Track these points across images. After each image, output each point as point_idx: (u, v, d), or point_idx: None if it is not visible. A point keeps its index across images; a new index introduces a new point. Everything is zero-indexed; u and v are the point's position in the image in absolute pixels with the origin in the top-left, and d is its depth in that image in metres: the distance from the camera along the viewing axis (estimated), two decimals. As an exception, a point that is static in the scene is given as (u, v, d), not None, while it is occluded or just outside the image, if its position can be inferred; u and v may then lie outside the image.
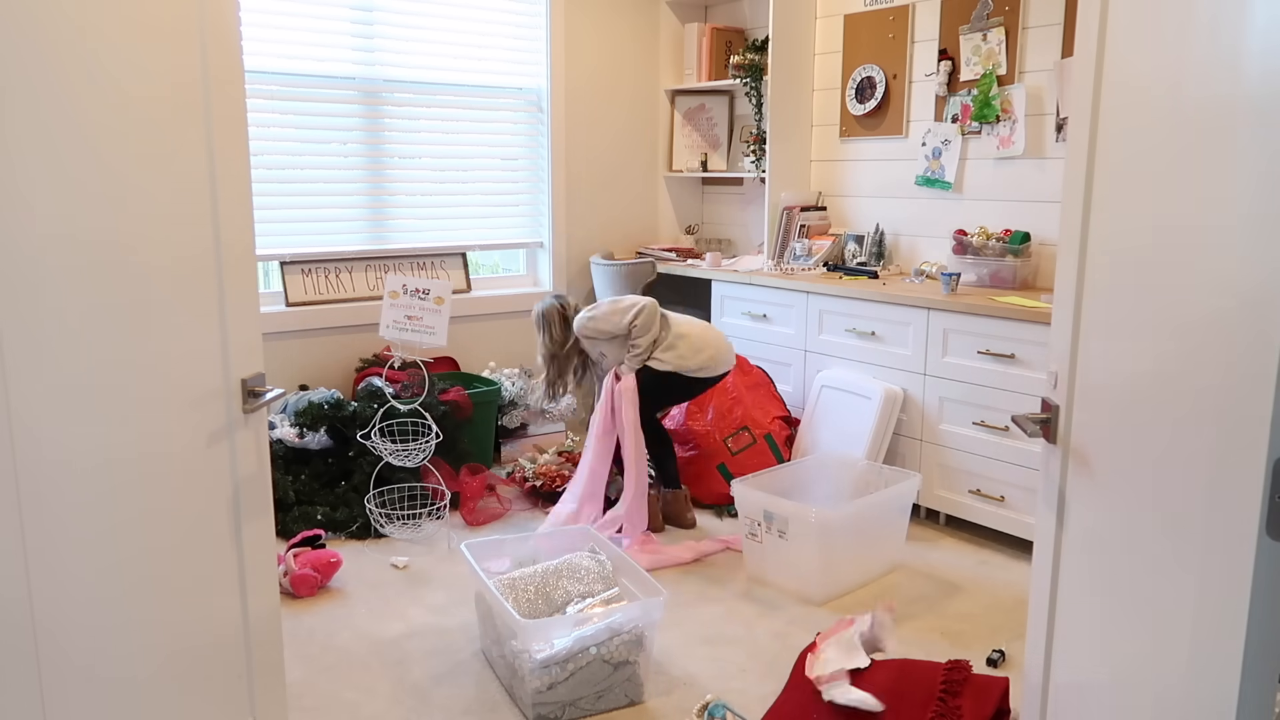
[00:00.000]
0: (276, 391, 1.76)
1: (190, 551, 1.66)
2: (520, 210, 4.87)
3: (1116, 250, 1.40)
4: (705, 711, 2.39)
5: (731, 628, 2.93)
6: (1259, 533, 1.08)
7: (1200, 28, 1.21)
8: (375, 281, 4.41)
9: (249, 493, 1.76)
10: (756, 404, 4.04)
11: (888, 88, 4.27)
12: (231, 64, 1.63)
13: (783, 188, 4.56)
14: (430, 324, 3.47)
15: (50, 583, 1.43)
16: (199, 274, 1.62)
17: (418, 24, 4.38)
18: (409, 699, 2.53)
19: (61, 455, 1.43)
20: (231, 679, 1.77)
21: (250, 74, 3.93)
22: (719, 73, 4.89)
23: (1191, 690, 1.22)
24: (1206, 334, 1.17)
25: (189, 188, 1.59)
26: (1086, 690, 1.51)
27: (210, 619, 1.72)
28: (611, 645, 2.43)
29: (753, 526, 3.22)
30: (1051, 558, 1.59)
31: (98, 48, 1.42)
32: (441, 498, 3.69)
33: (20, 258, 1.34)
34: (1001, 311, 3.36)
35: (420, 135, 4.47)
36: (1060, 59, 3.65)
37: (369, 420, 3.64)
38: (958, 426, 3.57)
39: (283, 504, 3.48)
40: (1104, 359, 1.44)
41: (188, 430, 1.63)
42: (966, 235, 3.89)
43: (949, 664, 2.44)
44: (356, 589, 3.18)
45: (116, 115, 1.45)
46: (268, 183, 4.08)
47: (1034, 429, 1.57)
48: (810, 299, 4.05)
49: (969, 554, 3.50)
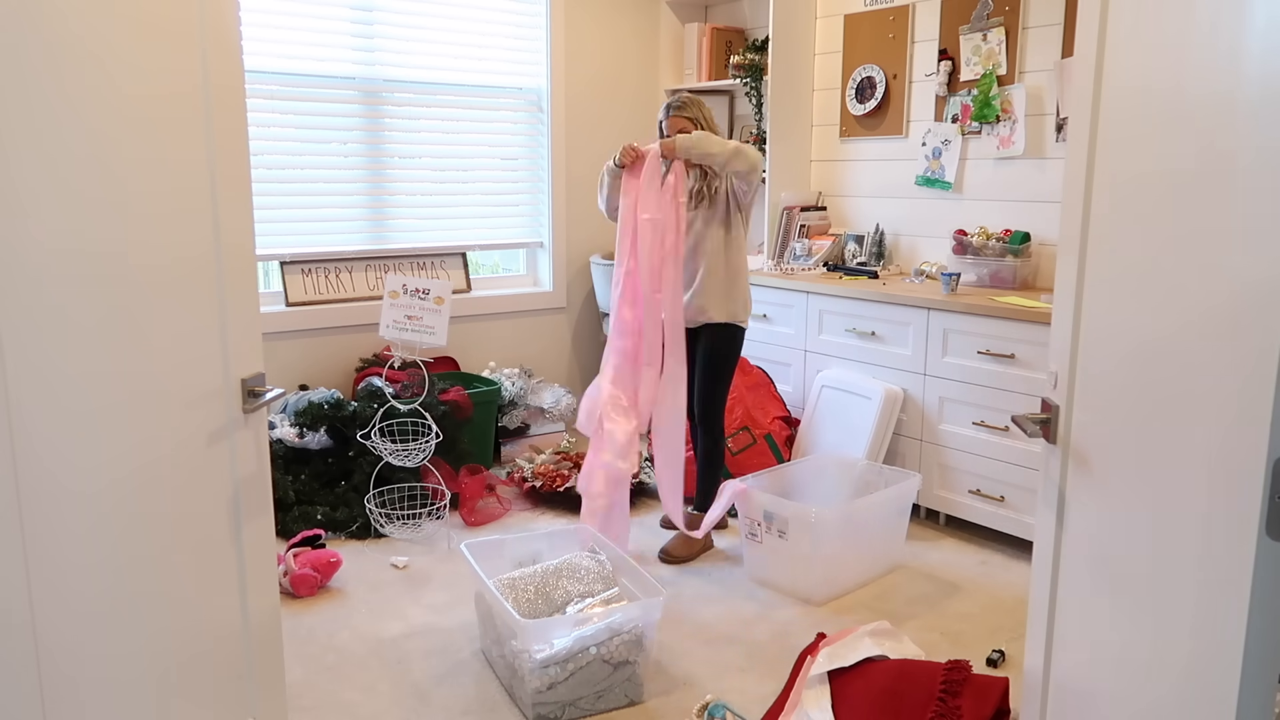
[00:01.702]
0: (276, 391, 1.76)
1: (190, 551, 1.66)
2: (520, 210, 4.87)
3: (1116, 250, 1.40)
4: (705, 711, 2.39)
5: (731, 628, 2.93)
6: (1259, 533, 1.08)
7: (1200, 28, 1.21)
8: (375, 281, 4.41)
9: (249, 493, 1.75)
10: (756, 404, 4.04)
11: (888, 88, 4.27)
12: (232, 64, 1.63)
13: (783, 188, 4.56)
14: (430, 324, 3.47)
15: (50, 582, 1.43)
16: (199, 274, 1.62)
17: (418, 24, 4.38)
18: (409, 699, 2.53)
19: (61, 454, 1.43)
20: (231, 679, 1.77)
21: (250, 74, 3.92)
22: (719, 73, 4.89)
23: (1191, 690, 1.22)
24: (1206, 334, 1.17)
25: (189, 187, 1.59)
26: (1086, 690, 1.51)
27: (210, 619, 1.72)
28: (611, 645, 2.43)
29: (753, 526, 3.22)
30: (1051, 558, 1.59)
31: (97, 48, 1.42)
32: (441, 498, 3.69)
33: (20, 258, 1.34)
34: (1001, 311, 3.36)
35: (420, 135, 4.47)
36: (1060, 59, 3.65)
37: (369, 420, 3.64)
38: (958, 426, 3.57)
39: (283, 504, 3.48)
40: (1104, 359, 1.44)
41: (188, 430, 1.62)
42: (966, 235, 3.89)
43: (949, 664, 2.44)
44: (356, 589, 3.18)
45: (116, 115, 1.45)
46: (268, 183, 4.07)
47: (1034, 429, 1.57)
48: (810, 299, 4.05)
49: (969, 554, 3.50)
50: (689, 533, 3.39)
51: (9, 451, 1.35)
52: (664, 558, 3.41)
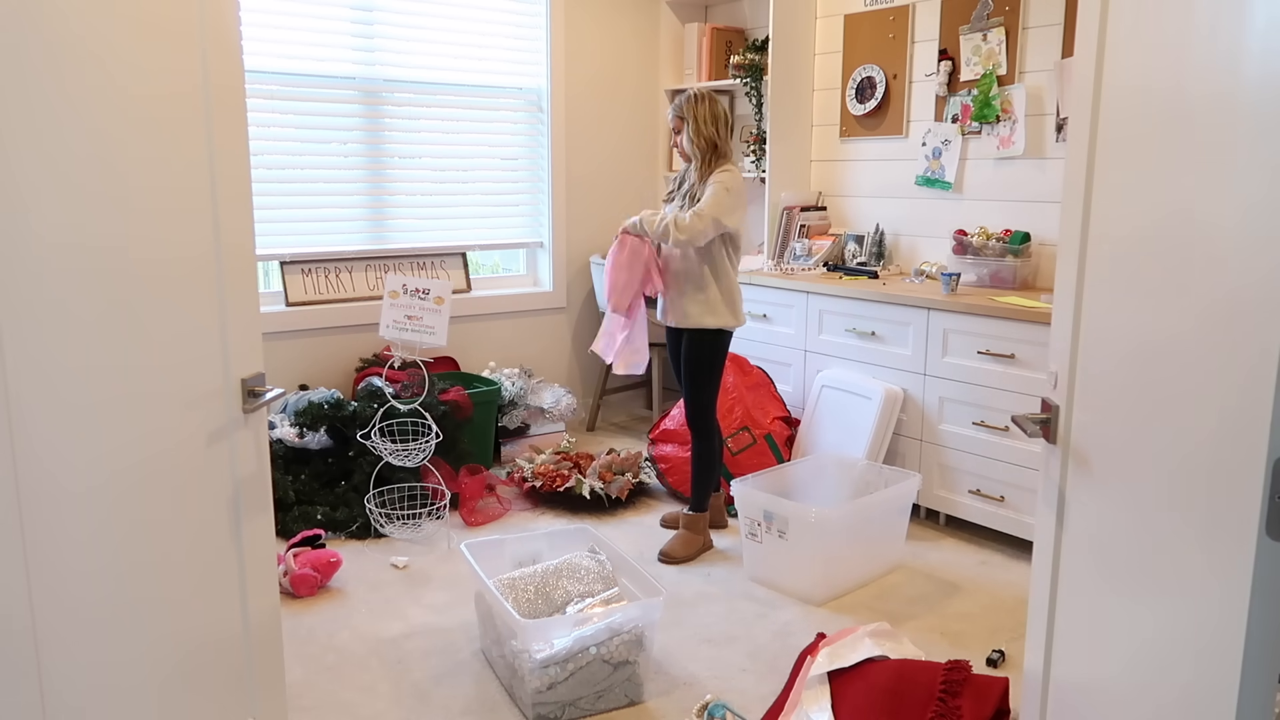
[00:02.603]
0: (276, 391, 1.76)
1: (190, 551, 1.66)
2: (520, 210, 4.87)
3: (1116, 250, 1.40)
4: (705, 711, 2.39)
5: (731, 628, 2.93)
6: (1259, 533, 1.08)
7: (1200, 28, 1.21)
8: (375, 281, 4.41)
9: (249, 493, 1.75)
10: (756, 404, 4.04)
11: (888, 88, 4.27)
12: (232, 64, 1.63)
13: (783, 188, 4.56)
14: (430, 324, 3.47)
15: (50, 582, 1.43)
16: (199, 274, 1.62)
17: (418, 24, 4.38)
18: (409, 699, 2.53)
19: (61, 454, 1.43)
20: (231, 679, 1.77)
21: (250, 74, 3.93)
22: (719, 73, 4.89)
23: (1191, 690, 1.22)
24: (1206, 334, 1.17)
25: (189, 187, 1.59)
26: (1086, 690, 1.51)
27: (210, 619, 1.72)
28: (611, 645, 2.43)
29: (753, 526, 3.22)
30: (1051, 558, 1.59)
31: (98, 48, 1.42)
32: (441, 498, 3.69)
33: (20, 258, 1.34)
34: (1001, 311, 3.36)
35: (420, 135, 4.47)
36: (1060, 59, 3.65)
37: (369, 420, 3.64)
38: (958, 426, 3.57)
39: (283, 504, 3.48)
40: (1104, 359, 1.44)
41: (187, 430, 1.63)
42: (966, 235, 3.89)
43: (949, 664, 2.44)
44: (356, 589, 3.18)
45: (116, 115, 1.45)
46: (268, 183, 4.08)
47: (1034, 429, 1.57)
48: (810, 299, 4.05)
49: (969, 554, 3.50)
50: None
51: (9, 450, 1.35)
52: (663, 559, 3.41)
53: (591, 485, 3.88)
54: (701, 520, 3.49)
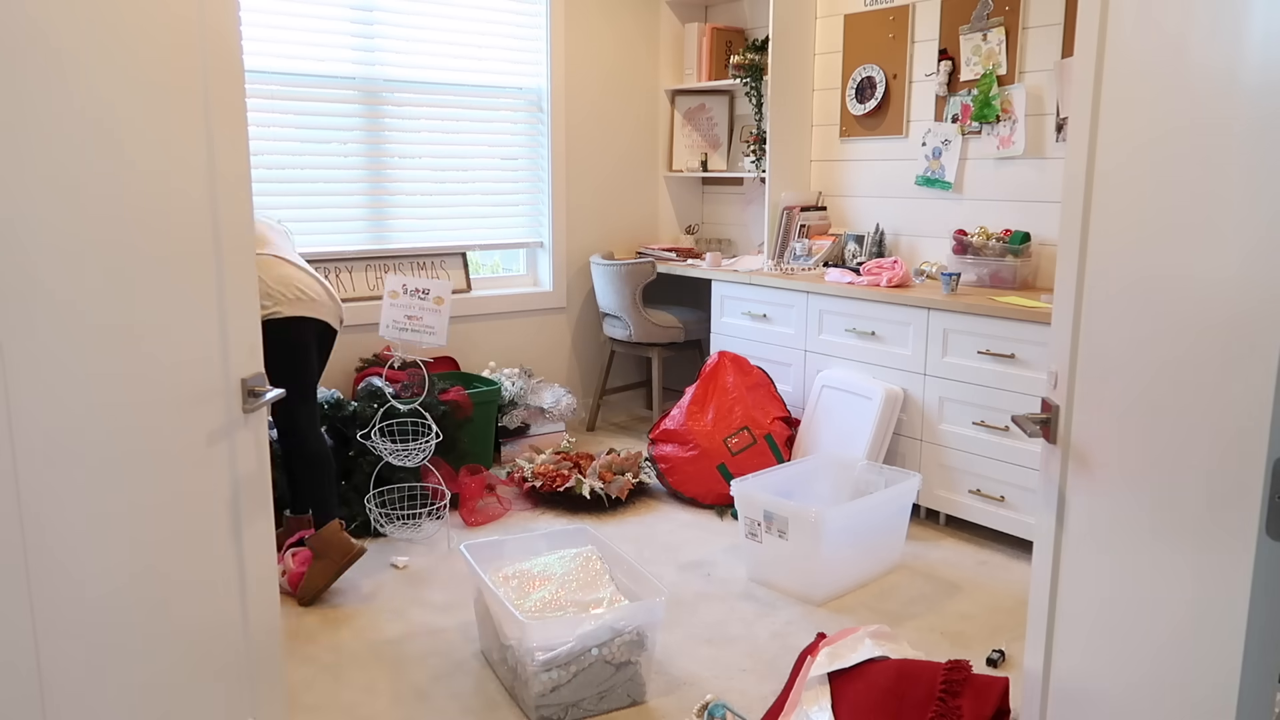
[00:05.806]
0: (277, 391, 1.76)
1: (190, 551, 1.66)
2: (520, 210, 4.87)
3: (1117, 250, 1.40)
4: (705, 711, 2.39)
5: (731, 628, 2.93)
6: (1259, 533, 1.08)
7: (1201, 28, 1.21)
8: (375, 281, 4.41)
9: (249, 492, 1.76)
10: (756, 404, 4.04)
11: (888, 88, 4.27)
12: (232, 64, 1.63)
13: (783, 187, 4.57)
14: (430, 324, 3.47)
15: (49, 582, 1.43)
16: (198, 273, 1.62)
17: (418, 24, 4.38)
18: (409, 699, 2.53)
19: (60, 454, 1.43)
20: (232, 679, 1.77)
21: (250, 74, 3.93)
22: (719, 73, 4.89)
23: (1191, 690, 1.22)
24: (1207, 333, 1.17)
25: (189, 187, 1.59)
26: (1086, 690, 1.51)
27: (210, 619, 1.72)
28: (613, 646, 2.43)
29: (753, 526, 3.22)
30: (1051, 558, 1.59)
31: (97, 48, 1.42)
32: (441, 498, 3.69)
33: (19, 258, 1.34)
34: (1001, 311, 3.36)
35: (420, 135, 4.47)
36: (1060, 59, 3.65)
37: (369, 420, 3.64)
38: (958, 426, 3.57)
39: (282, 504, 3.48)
40: (1104, 359, 1.44)
41: (187, 430, 1.63)
42: (966, 235, 3.89)
43: (949, 664, 2.44)
44: (356, 589, 3.18)
45: (115, 116, 1.45)
46: (268, 183, 4.08)
47: (1034, 429, 1.57)
48: (810, 299, 4.05)
49: (969, 554, 3.50)
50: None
51: (9, 450, 1.35)
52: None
53: (591, 485, 3.88)
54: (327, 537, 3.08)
